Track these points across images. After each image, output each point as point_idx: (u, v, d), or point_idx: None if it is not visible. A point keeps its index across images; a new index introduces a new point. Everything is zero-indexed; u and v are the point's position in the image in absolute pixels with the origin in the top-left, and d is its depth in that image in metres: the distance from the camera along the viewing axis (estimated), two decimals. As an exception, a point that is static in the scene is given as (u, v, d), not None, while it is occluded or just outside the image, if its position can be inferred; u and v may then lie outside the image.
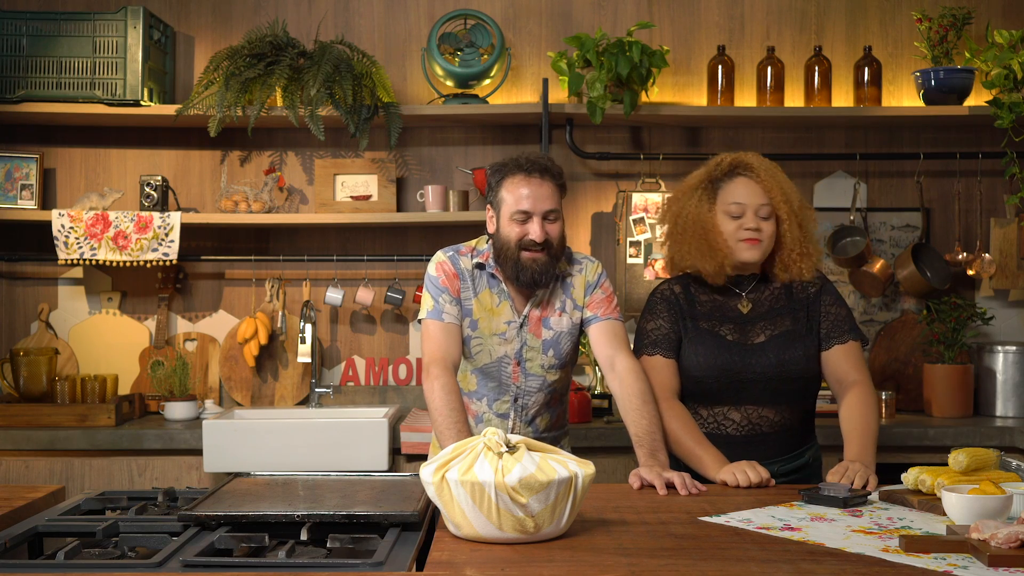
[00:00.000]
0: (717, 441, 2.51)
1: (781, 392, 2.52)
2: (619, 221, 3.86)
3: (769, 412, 2.53)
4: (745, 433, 2.53)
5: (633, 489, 2.32)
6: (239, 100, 3.64)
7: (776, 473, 2.49)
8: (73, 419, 3.51)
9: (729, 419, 2.54)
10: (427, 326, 2.58)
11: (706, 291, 2.62)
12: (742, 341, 2.54)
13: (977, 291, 3.98)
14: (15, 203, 3.84)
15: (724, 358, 2.51)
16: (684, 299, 2.60)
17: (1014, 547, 1.68)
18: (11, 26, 3.68)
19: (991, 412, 3.73)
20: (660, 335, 2.57)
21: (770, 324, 2.56)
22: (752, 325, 2.56)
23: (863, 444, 2.41)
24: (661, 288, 2.65)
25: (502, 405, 2.64)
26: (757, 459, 2.47)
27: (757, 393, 2.52)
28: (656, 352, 2.57)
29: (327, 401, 3.88)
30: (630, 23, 3.90)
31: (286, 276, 3.97)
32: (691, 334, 2.57)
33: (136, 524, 2.09)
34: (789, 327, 2.55)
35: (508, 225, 2.51)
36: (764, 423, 2.53)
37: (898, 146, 3.99)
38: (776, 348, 2.52)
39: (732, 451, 2.48)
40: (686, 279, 2.65)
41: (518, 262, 2.51)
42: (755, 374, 2.50)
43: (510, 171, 2.53)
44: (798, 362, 2.52)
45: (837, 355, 2.54)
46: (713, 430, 2.55)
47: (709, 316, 2.58)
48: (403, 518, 2.02)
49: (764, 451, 2.53)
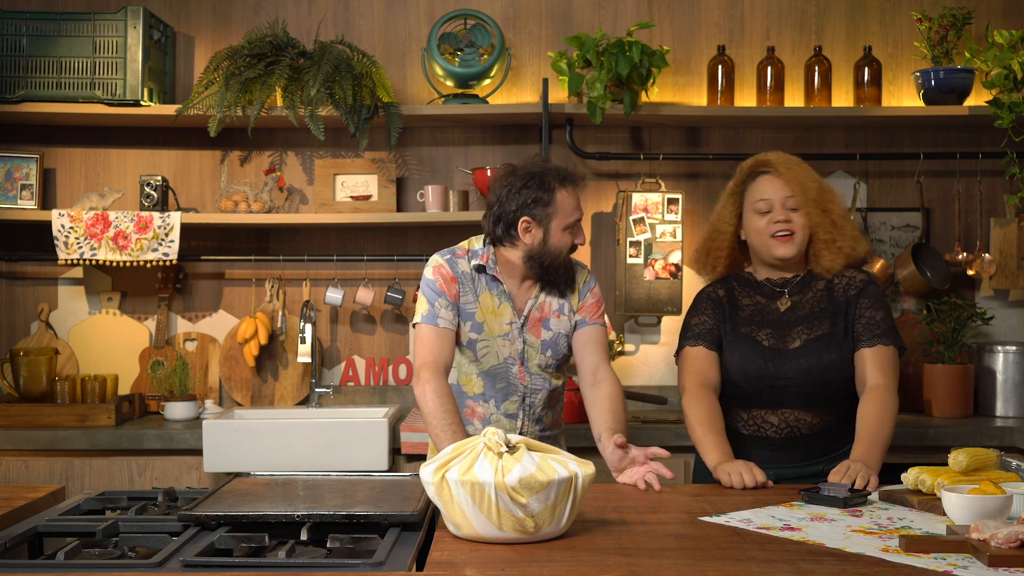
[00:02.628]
0: (757, 443, 2.54)
1: (817, 396, 2.52)
2: (619, 221, 3.86)
3: (806, 415, 2.53)
4: (784, 436, 2.54)
5: (628, 488, 2.33)
6: (239, 100, 3.64)
7: (822, 472, 2.49)
8: (73, 419, 3.50)
9: (768, 422, 2.55)
10: (420, 330, 2.60)
11: (749, 294, 2.63)
12: (778, 346, 2.54)
13: (977, 291, 3.98)
14: (15, 203, 3.84)
15: (758, 364, 2.53)
16: (727, 302, 2.63)
17: (1014, 547, 1.68)
18: (11, 26, 3.68)
19: (991, 412, 3.73)
20: (704, 329, 2.61)
21: (808, 328, 2.55)
22: (790, 329, 2.56)
23: (869, 446, 2.40)
24: (707, 290, 2.70)
25: (511, 405, 2.65)
26: (798, 460, 2.53)
27: (792, 398, 2.52)
28: (699, 343, 2.60)
29: (327, 401, 3.88)
30: (630, 23, 3.90)
31: (286, 276, 3.97)
32: (730, 338, 2.59)
33: (136, 524, 2.08)
34: (827, 330, 2.54)
35: (562, 235, 2.56)
36: (802, 426, 2.54)
37: (898, 146, 3.99)
38: (810, 353, 2.51)
39: (772, 452, 2.53)
40: (729, 282, 2.68)
41: (565, 266, 2.61)
42: (788, 380, 2.51)
43: (558, 184, 2.55)
44: (832, 367, 2.51)
45: (864, 358, 2.53)
46: (753, 432, 2.57)
47: (749, 320, 2.59)
48: (403, 518, 2.02)
49: (804, 452, 2.54)
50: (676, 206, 3.84)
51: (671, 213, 3.83)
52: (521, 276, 2.64)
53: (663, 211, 3.83)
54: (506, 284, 2.63)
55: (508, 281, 2.63)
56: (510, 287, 2.63)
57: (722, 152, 3.95)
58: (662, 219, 3.83)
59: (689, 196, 3.96)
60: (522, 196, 2.54)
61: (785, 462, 2.53)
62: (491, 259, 2.63)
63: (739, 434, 2.57)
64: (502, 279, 2.62)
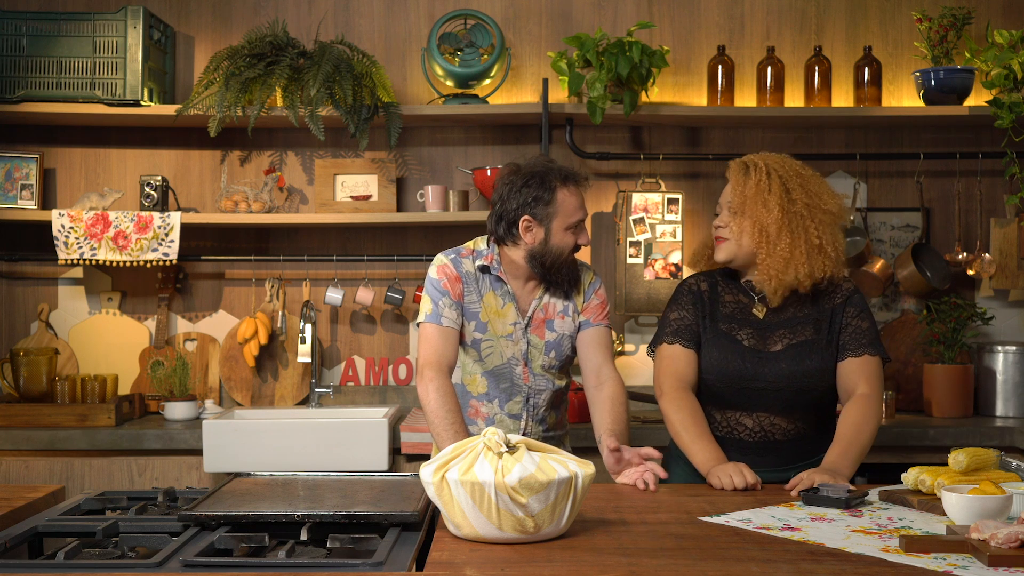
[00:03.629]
0: (730, 445, 2.50)
1: (794, 402, 2.48)
2: (619, 221, 3.86)
3: (782, 420, 2.50)
4: (758, 440, 2.51)
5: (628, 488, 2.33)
6: (239, 100, 3.64)
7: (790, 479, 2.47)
8: (73, 419, 3.50)
9: (742, 424, 2.52)
10: (424, 329, 2.60)
11: (732, 291, 2.58)
12: (759, 348, 2.50)
13: (977, 291, 3.98)
14: (15, 203, 3.84)
15: (736, 364, 2.48)
16: (709, 296, 2.58)
17: (1014, 547, 1.68)
18: (11, 26, 3.68)
19: (991, 412, 3.73)
20: (682, 325, 2.56)
21: (790, 332, 2.51)
22: (772, 332, 2.51)
23: (845, 449, 2.36)
24: (689, 281, 2.63)
25: (514, 406, 2.65)
26: (771, 465, 2.48)
27: (769, 402, 2.48)
28: (676, 341, 2.55)
29: (327, 401, 3.88)
30: (630, 23, 3.90)
31: (286, 276, 3.98)
32: (709, 335, 2.54)
33: (136, 524, 2.09)
34: (810, 337, 2.49)
35: (563, 235, 2.56)
36: (777, 431, 2.50)
37: (898, 146, 3.99)
38: (791, 358, 2.47)
39: (745, 456, 2.48)
40: (713, 276, 2.62)
41: (567, 267, 2.60)
42: (767, 383, 2.47)
43: (560, 183, 2.55)
44: (813, 374, 2.47)
45: (849, 367, 2.48)
46: (727, 434, 2.53)
47: (730, 318, 2.54)
48: (403, 518, 2.02)
49: (777, 457, 2.51)
50: (676, 206, 3.84)
51: (671, 213, 3.83)
52: (525, 277, 2.63)
53: (663, 211, 3.83)
54: (510, 285, 2.63)
55: (512, 282, 2.63)
56: (514, 288, 2.63)
57: (722, 152, 3.95)
58: (662, 219, 3.83)
59: (689, 196, 3.96)
60: (523, 195, 2.54)
61: (758, 466, 2.44)
62: (496, 259, 2.63)
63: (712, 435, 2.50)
64: (506, 279, 2.63)
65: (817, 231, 2.45)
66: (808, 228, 2.45)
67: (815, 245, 2.44)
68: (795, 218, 2.45)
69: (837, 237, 2.49)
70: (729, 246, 2.51)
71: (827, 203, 2.48)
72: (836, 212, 2.49)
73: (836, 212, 2.49)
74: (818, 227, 2.45)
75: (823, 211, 2.47)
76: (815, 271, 2.44)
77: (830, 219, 2.48)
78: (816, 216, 2.46)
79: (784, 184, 2.47)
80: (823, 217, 2.47)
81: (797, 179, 2.48)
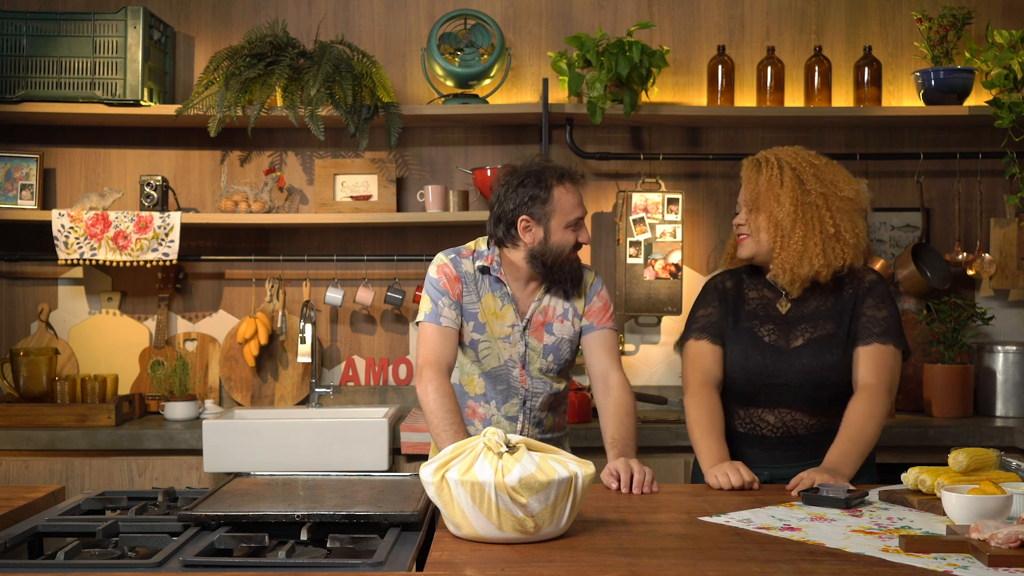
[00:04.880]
0: (753, 441, 2.52)
1: (815, 397, 2.49)
2: (619, 221, 3.86)
3: (803, 416, 2.50)
4: (780, 435, 2.52)
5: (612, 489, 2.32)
6: (239, 100, 3.64)
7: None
8: (73, 419, 3.50)
9: (764, 420, 2.53)
10: (423, 329, 2.60)
11: (757, 287, 2.59)
12: (780, 344, 2.51)
13: (977, 291, 3.98)
14: (15, 203, 3.84)
15: (757, 361, 2.50)
16: (734, 294, 2.60)
17: (1014, 547, 1.68)
18: (11, 26, 3.68)
19: (991, 412, 3.73)
20: (710, 321, 2.57)
21: (811, 327, 2.51)
22: (793, 327, 2.52)
23: (846, 450, 2.36)
24: (715, 279, 2.66)
25: (511, 408, 2.65)
26: (793, 460, 2.49)
27: (790, 397, 2.49)
28: (704, 336, 2.56)
29: (327, 401, 3.88)
30: (630, 23, 3.90)
31: (286, 276, 3.98)
32: (731, 332, 2.56)
33: (136, 524, 2.09)
34: (831, 331, 2.49)
35: (563, 233, 2.55)
36: (799, 426, 2.51)
37: (898, 146, 3.99)
38: (812, 353, 2.48)
39: (768, 451, 2.50)
40: (739, 273, 2.64)
41: (569, 265, 2.59)
42: (787, 379, 2.48)
43: (556, 181, 2.55)
44: (833, 368, 2.47)
45: (859, 357, 2.47)
46: (749, 430, 2.54)
47: (753, 315, 2.55)
48: (403, 518, 2.02)
49: (799, 452, 2.51)
50: (676, 206, 3.84)
51: (671, 213, 3.83)
52: (526, 278, 2.63)
53: (663, 211, 3.83)
54: (510, 286, 2.62)
55: (512, 283, 2.63)
56: (514, 289, 2.63)
57: (722, 152, 3.95)
58: (662, 219, 3.83)
59: (689, 196, 3.96)
60: (519, 195, 2.55)
61: (780, 461, 2.50)
62: (496, 261, 2.62)
63: (735, 432, 2.55)
64: (506, 281, 2.62)
65: (833, 219, 2.46)
66: (824, 218, 2.46)
67: (831, 234, 2.45)
68: (810, 209, 2.46)
69: (856, 223, 2.49)
70: (749, 243, 2.54)
71: (843, 190, 2.49)
72: (853, 198, 2.50)
73: (853, 198, 2.50)
74: (835, 215, 2.46)
75: (840, 198, 2.48)
76: (832, 260, 2.46)
77: (848, 205, 2.48)
78: (833, 204, 2.47)
79: (797, 176, 2.48)
80: (840, 204, 2.47)
81: (811, 169, 2.49)
